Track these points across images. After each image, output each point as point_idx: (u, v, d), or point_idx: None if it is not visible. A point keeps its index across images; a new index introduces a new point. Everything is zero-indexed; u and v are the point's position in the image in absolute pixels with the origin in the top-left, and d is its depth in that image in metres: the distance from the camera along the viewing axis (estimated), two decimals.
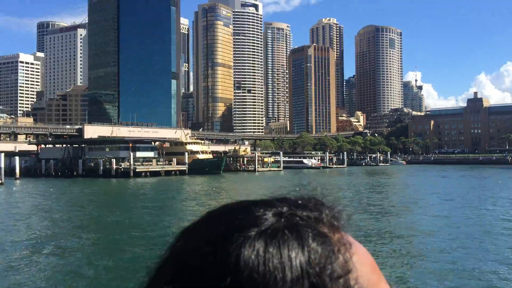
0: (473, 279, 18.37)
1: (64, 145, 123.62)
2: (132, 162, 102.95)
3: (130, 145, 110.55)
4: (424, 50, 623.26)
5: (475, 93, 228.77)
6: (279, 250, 0.71)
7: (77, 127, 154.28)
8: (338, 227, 0.81)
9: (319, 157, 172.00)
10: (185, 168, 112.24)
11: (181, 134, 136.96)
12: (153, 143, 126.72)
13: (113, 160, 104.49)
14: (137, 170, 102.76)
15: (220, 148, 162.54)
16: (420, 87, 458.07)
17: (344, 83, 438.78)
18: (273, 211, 0.78)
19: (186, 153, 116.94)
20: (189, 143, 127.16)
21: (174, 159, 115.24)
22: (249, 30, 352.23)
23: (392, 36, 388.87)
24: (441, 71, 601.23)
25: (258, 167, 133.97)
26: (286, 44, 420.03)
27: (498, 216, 35.52)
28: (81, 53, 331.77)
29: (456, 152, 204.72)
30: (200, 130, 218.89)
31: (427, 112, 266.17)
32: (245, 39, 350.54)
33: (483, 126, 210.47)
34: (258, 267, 0.70)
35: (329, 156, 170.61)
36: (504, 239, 26.08)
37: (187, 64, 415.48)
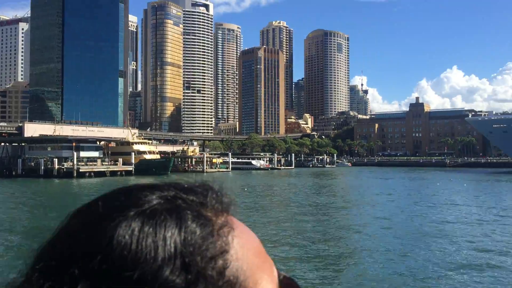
0: (404, 279, 19.21)
1: (2, 144, 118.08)
2: (75, 162, 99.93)
3: (74, 144, 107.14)
4: (370, 55, 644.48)
5: (417, 98, 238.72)
6: (155, 230, 0.72)
7: (17, 125, 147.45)
8: (223, 211, 0.82)
9: (268, 159, 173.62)
10: (131, 169, 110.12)
11: (128, 134, 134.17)
12: (98, 142, 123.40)
13: (55, 160, 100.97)
14: (80, 170, 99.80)
15: (168, 148, 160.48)
16: (366, 91, 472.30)
17: (293, 86, 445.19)
18: (158, 194, 0.79)
19: (133, 153, 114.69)
20: (136, 143, 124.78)
21: (120, 159, 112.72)
22: (200, 30, 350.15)
23: (340, 40, 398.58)
24: (386, 76, 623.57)
25: (206, 168, 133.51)
26: (237, 45, 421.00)
27: (434, 218, 37.21)
28: (22, 48, 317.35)
29: (398, 155, 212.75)
30: (148, 130, 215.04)
31: (372, 116, 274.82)
32: (195, 39, 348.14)
33: (424, 130, 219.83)
34: (131, 246, 0.70)
35: (277, 158, 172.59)
36: (436, 240, 27.45)
37: (135, 63, 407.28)
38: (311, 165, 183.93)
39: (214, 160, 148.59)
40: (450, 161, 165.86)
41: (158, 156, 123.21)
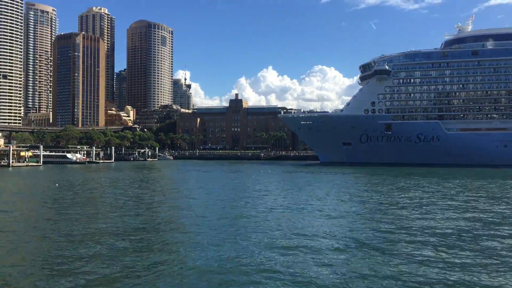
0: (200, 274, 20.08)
1: None
2: None
3: None
4: (193, 50, 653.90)
5: (236, 95, 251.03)
6: None
7: None
8: None
9: (85, 152, 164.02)
10: None
11: None
12: None
13: None
14: None
15: None
16: (189, 86, 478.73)
17: (115, 76, 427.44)
18: None
19: None
20: None
21: None
22: (7, 9, 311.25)
23: (164, 33, 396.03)
24: (208, 72, 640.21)
25: (13, 162, 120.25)
26: (52, 29, 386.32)
27: (244, 210, 39.61)
28: None
29: (218, 148, 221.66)
30: None
31: (195, 110, 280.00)
32: (1, 18, 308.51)
33: (242, 125, 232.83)
34: None
35: (96, 151, 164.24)
36: (250, 225, 29.42)
37: None
38: (132, 159, 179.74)
39: (22, 154, 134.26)
40: (265, 155, 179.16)
41: None
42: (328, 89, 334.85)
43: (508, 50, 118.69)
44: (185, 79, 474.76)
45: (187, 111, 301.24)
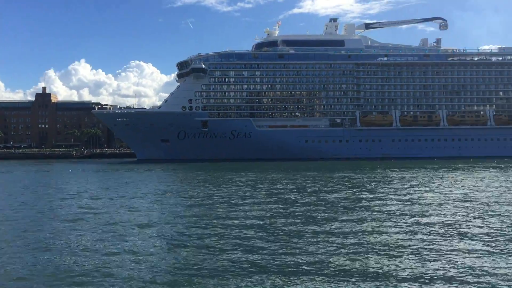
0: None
1: None
2: None
3: None
4: None
5: (44, 88, 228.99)
6: None
7: None
8: None
9: None
10: None
11: None
12: None
13: None
14: None
15: None
16: None
17: None
18: None
19: None
20: None
21: None
22: None
23: None
24: (9, 63, 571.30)
25: None
26: None
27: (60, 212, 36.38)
28: None
29: (23, 147, 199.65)
30: None
31: None
32: None
33: (51, 121, 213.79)
34: None
35: None
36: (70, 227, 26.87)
37: None
38: None
39: None
40: (77, 153, 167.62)
41: None
42: (145, 85, 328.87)
43: (308, 55, 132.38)
44: None
45: None
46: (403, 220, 30.44)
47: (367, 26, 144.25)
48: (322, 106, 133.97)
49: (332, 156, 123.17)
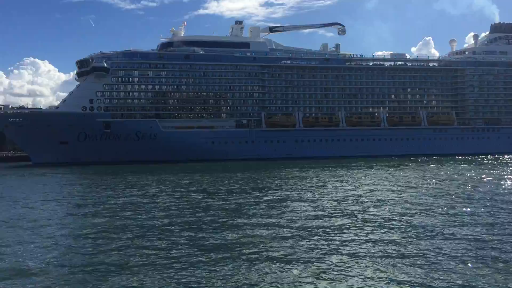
0: None
1: None
2: None
3: None
4: None
5: None
6: None
7: None
8: None
9: None
10: None
11: None
12: None
13: None
14: None
15: None
16: None
17: None
18: None
19: None
20: None
21: None
22: None
23: None
24: None
25: None
26: None
27: None
28: None
29: None
30: None
31: None
32: None
33: None
34: None
35: None
36: None
37: None
38: None
39: None
40: None
41: None
42: (41, 83, 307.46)
43: (215, 56, 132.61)
44: None
45: None
46: (291, 219, 31.59)
47: (272, 29, 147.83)
48: (228, 108, 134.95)
49: (239, 157, 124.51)
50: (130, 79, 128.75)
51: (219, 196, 44.73)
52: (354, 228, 28.10)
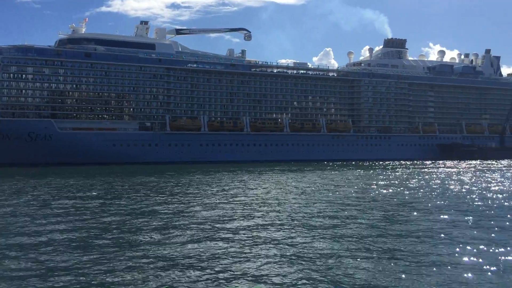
0: None
1: None
2: None
3: None
4: None
5: None
6: None
7: None
8: None
9: None
10: None
11: None
12: None
13: None
14: None
15: None
16: None
17: None
18: None
19: None
20: None
21: None
22: None
23: None
24: None
25: None
26: None
27: None
28: None
29: None
30: None
31: None
32: None
33: None
34: None
35: None
36: None
37: None
38: None
39: None
40: None
41: None
42: None
43: (118, 56, 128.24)
44: None
45: None
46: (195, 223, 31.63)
47: (178, 31, 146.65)
48: (131, 109, 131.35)
49: (142, 160, 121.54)
50: (24, 76, 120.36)
51: (113, 202, 43.34)
52: (241, 229, 28.77)
